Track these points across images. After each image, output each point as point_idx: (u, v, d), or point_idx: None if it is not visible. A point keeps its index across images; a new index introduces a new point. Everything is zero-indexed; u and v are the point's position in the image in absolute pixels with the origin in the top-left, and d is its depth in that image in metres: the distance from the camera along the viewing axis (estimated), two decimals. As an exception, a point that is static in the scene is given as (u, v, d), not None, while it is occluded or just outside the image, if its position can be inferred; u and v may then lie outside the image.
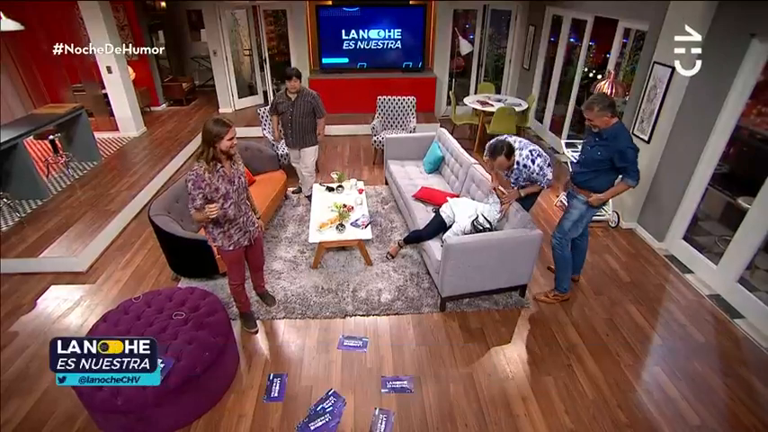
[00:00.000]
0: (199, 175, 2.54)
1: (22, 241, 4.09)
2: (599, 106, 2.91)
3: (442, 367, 2.95)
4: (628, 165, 2.97)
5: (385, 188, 5.46)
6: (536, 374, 2.90)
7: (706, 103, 3.71)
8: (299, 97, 4.38)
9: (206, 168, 2.54)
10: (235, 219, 2.77)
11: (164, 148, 6.45)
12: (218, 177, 2.60)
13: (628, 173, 3.01)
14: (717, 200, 4.26)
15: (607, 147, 3.01)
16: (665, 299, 3.62)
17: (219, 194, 2.62)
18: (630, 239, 4.45)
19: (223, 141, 2.51)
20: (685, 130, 3.94)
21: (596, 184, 3.16)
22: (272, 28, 8.68)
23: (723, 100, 3.56)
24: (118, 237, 4.45)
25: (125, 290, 3.67)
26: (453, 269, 3.22)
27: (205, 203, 2.57)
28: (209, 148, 2.52)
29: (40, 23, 6.77)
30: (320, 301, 3.53)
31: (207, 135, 2.50)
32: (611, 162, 3.02)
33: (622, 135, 2.97)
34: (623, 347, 3.11)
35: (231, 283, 3.08)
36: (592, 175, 3.16)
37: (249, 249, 3.04)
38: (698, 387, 2.80)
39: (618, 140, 2.96)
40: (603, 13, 5.43)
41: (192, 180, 2.54)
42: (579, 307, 3.52)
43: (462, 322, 3.34)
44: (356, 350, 3.10)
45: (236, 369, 2.91)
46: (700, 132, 3.77)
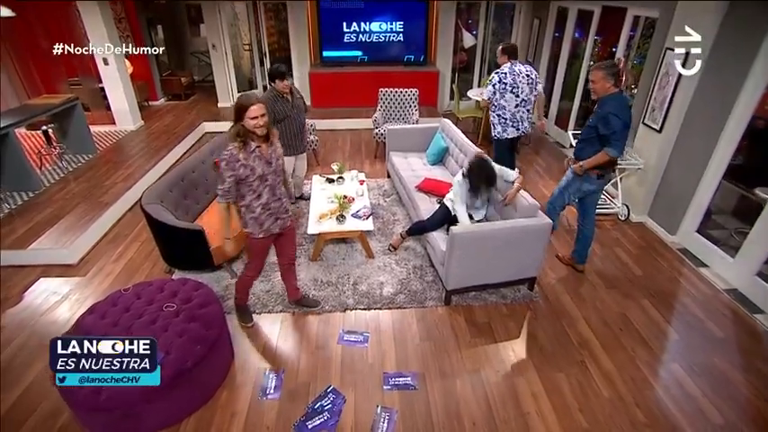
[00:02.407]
0: (233, 155, 2.39)
1: (11, 233, 3.95)
2: (605, 71, 2.98)
3: (447, 363, 2.79)
4: (609, 133, 2.98)
5: (387, 181, 5.32)
6: (547, 371, 2.74)
7: (721, 91, 3.56)
8: (293, 96, 4.01)
9: (238, 147, 2.40)
10: (268, 203, 2.60)
11: (161, 141, 6.31)
12: (253, 158, 2.45)
13: (610, 142, 3.01)
14: (729, 192, 4.09)
15: (596, 113, 3.08)
16: (679, 293, 3.47)
17: (255, 176, 2.46)
18: (641, 232, 4.29)
19: (246, 120, 2.36)
20: (699, 119, 3.79)
21: (584, 154, 3.20)
22: (273, 23, 8.54)
23: (740, 87, 3.41)
24: (111, 229, 4.31)
25: (116, 283, 3.52)
26: (459, 260, 3.07)
27: (236, 187, 2.45)
28: (240, 125, 2.39)
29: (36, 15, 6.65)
30: (319, 295, 3.38)
31: (237, 109, 2.38)
32: (597, 130, 3.05)
33: (613, 102, 3.00)
34: (638, 343, 2.95)
35: (246, 275, 2.91)
36: (583, 144, 3.24)
37: (279, 238, 2.85)
38: (719, 384, 2.64)
39: (605, 106, 3.00)
40: (611, 1, 5.28)
41: (226, 159, 2.39)
42: (590, 301, 3.36)
43: (468, 316, 3.19)
44: (357, 345, 2.95)
45: (229, 364, 2.76)
46: (715, 121, 3.62)
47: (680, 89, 3.83)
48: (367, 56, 7.87)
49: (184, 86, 8.72)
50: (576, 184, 3.34)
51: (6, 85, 6.71)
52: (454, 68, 8.21)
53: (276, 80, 3.79)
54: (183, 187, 3.75)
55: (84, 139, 5.73)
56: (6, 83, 6.72)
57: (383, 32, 7.70)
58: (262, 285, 3.47)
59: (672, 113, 3.93)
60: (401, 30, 7.71)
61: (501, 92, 4.29)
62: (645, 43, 4.98)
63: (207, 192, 4.05)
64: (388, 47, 7.82)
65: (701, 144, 3.75)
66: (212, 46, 7.63)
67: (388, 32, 7.71)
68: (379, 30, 7.68)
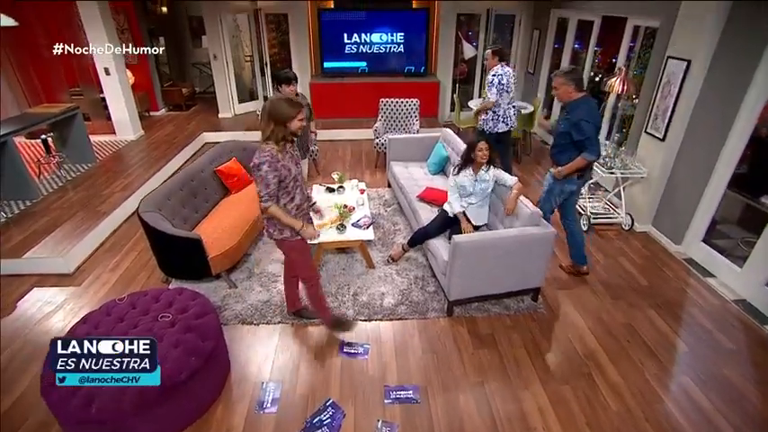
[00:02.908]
0: (274, 155, 2.35)
1: (6, 241, 3.89)
2: (564, 77, 3.10)
3: (450, 376, 2.71)
4: (584, 138, 3.07)
5: (387, 191, 5.28)
6: (553, 384, 2.66)
7: (723, 99, 3.53)
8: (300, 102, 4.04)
9: (278, 149, 2.38)
10: (301, 204, 2.59)
11: (160, 151, 6.29)
12: (288, 158, 2.44)
13: (586, 147, 3.10)
14: (733, 201, 4.03)
15: (568, 120, 3.16)
16: (686, 303, 3.39)
17: (291, 176, 2.44)
18: (645, 242, 4.23)
19: (294, 121, 2.37)
20: (702, 127, 3.76)
21: (562, 159, 3.28)
22: (274, 35, 8.60)
23: (742, 96, 3.38)
24: (108, 238, 4.25)
25: (112, 292, 3.45)
26: (461, 270, 3.01)
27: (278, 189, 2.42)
28: (281, 127, 2.36)
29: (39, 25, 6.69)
30: (319, 305, 3.30)
31: (280, 115, 2.35)
32: (571, 136, 3.13)
33: (582, 108, 3.09)
34: (646, 355, 2.88)
35: (311, 285, 2.81)
36: (559, 149, 3.32)
37: None
38: (731, 397, 2.56)
39: (575, 113, 3.10)
40: (612, 11, 5.30)
41: (268, 161, 2.33)
42: (596, 312, 3.29)
43: (471, 328, 3.12)
44: (357, 357, 2.87)
45: (226, 377, 2.69)
46: (718, 129, 3.59)
47: (682, 98, 3.81)
48: (368, 67, 7.90)
49: (185, 97, 8.74)
50: (559, 187, 3.40)
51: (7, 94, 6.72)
52: (455, 79, 8.23)
53: (283, 85, 3.78)
54: (182, 196, 3.70)
55: (84, 149, 5.71)
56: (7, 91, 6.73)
57: (384, 44, 7.74)
58: (260, 296, 3.40)
59: (675, 122, 3.91)
60: (402, 41, 7.74)
61: (500, 92, 4.65)
62: (645, 53, 4.99)
63: (206, 200, 4.01)
64: (388, 58, 7.86)
65: (704, 152, 3.72)
66: (213, 56, 7.66)
67: (388, 44, 7.75)
68: (380, 41, 7.72)
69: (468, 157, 3.41)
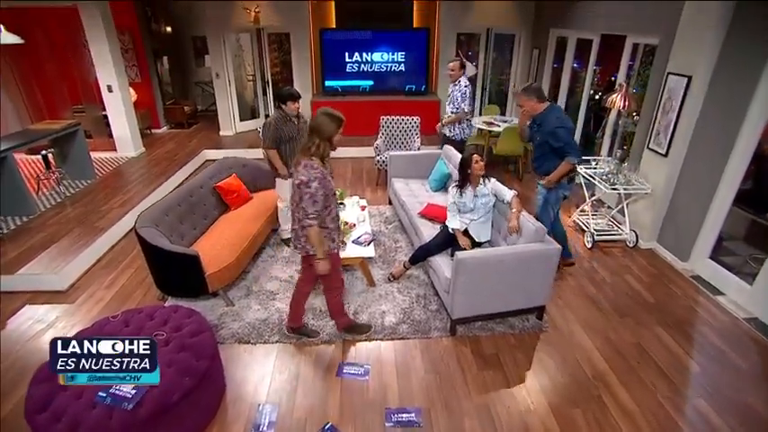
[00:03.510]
0: (323, 172, 2.33)
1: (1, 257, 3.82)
2: (524, 93, 3.37)
3: (454, 398, 2.60)
4: (563, 144, 3.25)
5: (388, 208, 5.23)
6: (562, 406, 2.55)
7: (725, 115, 3.52)
8: (300, 119, 3.95)
9: (322, 164, 2.37)
10: (337, 216, 2.60)
11: (161, 167, 6.28)
12: (328, 173, 2.44)
13: (566, 152, 3.26)
14: (738, 218, 3.97)
15: (541, 130, 3.37)
16: (696, 322, 3.30)
17: (331, 190, 2.43)
18: (651, 259, 4.15)
19: (337, 136, 2.39)
20: (705, 143, 3.73)
21: (546, 168, 3.45)
22: (276, 54, 8.72)
23: (744, 112, 3.36)
24: (105, 255, 4.18)
25: (106, 310, 3.36)
26: (464, 287, 2.93)
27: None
28: (325, 142, 2.35)
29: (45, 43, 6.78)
30: (318, 324, 3.21)
31: (325, 130, 2.34)
32: (550, 144, 3.31)
33: (551, 116, 3.29)
34: (658, 376, 2.77)
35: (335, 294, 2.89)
36: (541, 161, 3.49)
37: None
38: (750, 421, 2.45)
39: (547, 122, 3.30)
40: (610, 30, 5.35)
41: (318, 178, 2.30)
42: (603, 331, 3.19)
43: (475, 347, 3.02)
44: (357, 378, 2.76)
45: (220, 398, 2.58)
46: (721, 145, 3.56)
47: (684, 113, 3.79)
48: (369, 85, 7.97)
49: (187, 115, 8.79)
50: (554, 195, 3.54)
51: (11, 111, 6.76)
52: (455, 98, 8.28)
53: (288, 102, 3.76)
54: (180, 212, 3.65)
55: (84, 165, 5.69)
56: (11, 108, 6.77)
57: (385, 62, 7.83)
58: (258, 314, 3.31)
59: (677, 137, 3.88)
60: (402, 60, 7.83)
61: (468, 100, 4.94)
62: (645, 70, 5.01)
63: (205, 217, 3.95)
64: (389, 76, 7.93)
65: (708, 168, 3.68)
66: (216, 75, 7.74)
67: (389, 62, 7.83)
68: (381, 60, 7.81)
69: (465, 174, 3.35)
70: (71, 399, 2.07)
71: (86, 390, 2.09)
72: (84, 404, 2.04)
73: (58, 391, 2.09)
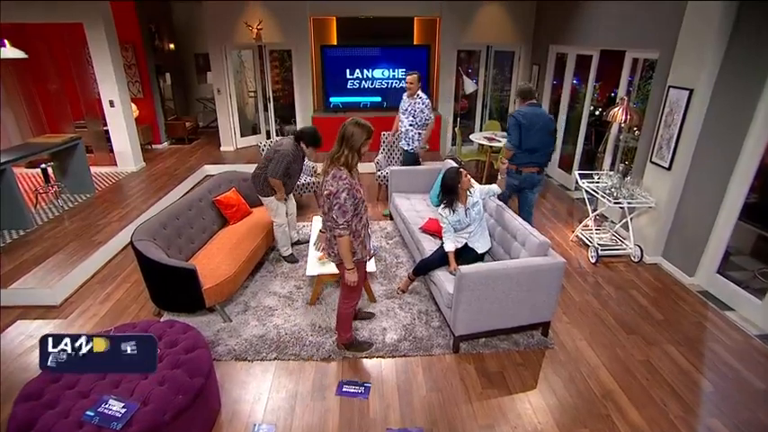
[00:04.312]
0: (351, 182, 2.31)
1: (-6, 273, 3.76)
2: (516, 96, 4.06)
3: (457, 418, 2.50)
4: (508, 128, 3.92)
5: (389, 223, 5.17)
6: (570, 426, 2.45)
7: (728, 128, 3.49)
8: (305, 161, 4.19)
9: (351, 174, 2.36)
10: (368, 223, 2.56)
11: (160, 182, 6.25)
12: (356, 182, 2.41)
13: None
14: (745, 232, 3.91)
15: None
16: (706, 338, 3.20)
17: (360, 199, 2.40)
18: (657, 274, 4.07)
19: (366, 144, 2.38)
20: (709, 156, 3.70)
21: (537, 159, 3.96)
22: (278, 71, 8.80)
23: (747, 125, 3.34)
24: (101, 269, 4.11)
25: (99, 326, 3.28)
26: (467, 303, 2.86)
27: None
28: (354, 153, 2.33)
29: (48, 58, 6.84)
30: (317, 341, 3.12)
31: (355, 141, 2.32)
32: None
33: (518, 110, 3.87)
34: (669, 394, 2.67)
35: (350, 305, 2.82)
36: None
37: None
38: (766, 444, 2.34)
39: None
40: (610, 45, 5.39)
41: (347, 188, 2.29)
42: (610, 347, 3.10)
43: (479, 365, 2.92)
44: (357, 397, 2.66)
45: (215, 418, 2.48)
46: (725, 158, 3.53)
47: (686, 126, 3.77)
48: (370, 102, 8.00)
49: (188, 131, 8.81)
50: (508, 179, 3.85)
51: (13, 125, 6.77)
52: (456, 114, 8.32)
53: (310, 147, 3.82)
54: (178, 225, 3.60)
55: (84, 179, 5.67)
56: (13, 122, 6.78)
57: (386, 79, 7.87)
58: (255, 330, 3.23)
59: (680, 150, 3.85)
60: (403, 77, 7.86)
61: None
62: (645, 85, 5.02)
63: (203, 231, 3.90)
64: (390, 93, 7.96)
65: (712, 181, 3.64)
66: (217, 90, 7.79)
67: (390, 79, 7.88)
68: (382, 76, 7.86)
69: (452, 194, 3.28)
70: (58, 417, 1.97)
71: (73, 408, 2.01)
72: (71, 423, 1.95)
73: (44, 410, 2.00)
